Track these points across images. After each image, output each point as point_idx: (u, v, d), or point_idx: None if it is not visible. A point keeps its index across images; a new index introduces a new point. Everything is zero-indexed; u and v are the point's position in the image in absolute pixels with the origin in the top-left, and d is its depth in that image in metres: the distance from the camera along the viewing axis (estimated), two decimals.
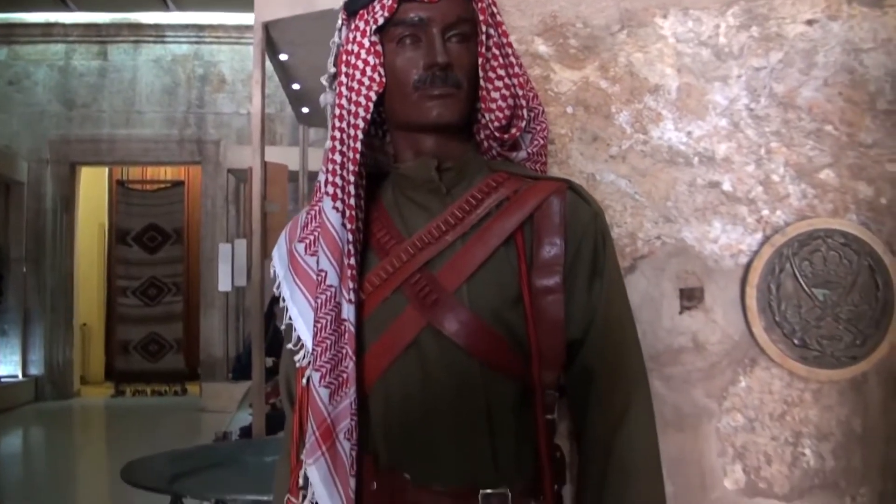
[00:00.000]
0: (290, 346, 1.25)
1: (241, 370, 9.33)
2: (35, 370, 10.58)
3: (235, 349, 10.34)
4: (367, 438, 1.19)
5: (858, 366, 1.55)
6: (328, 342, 1.17)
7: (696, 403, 1.55)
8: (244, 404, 7.04)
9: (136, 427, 8.41)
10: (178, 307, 11.70)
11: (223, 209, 10.26)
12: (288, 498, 1.23)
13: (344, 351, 1.17)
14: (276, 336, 7.74)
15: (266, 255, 5.12)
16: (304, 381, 1.21)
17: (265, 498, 2.74)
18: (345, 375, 1.17)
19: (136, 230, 11.67)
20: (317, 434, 1.17)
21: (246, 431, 5.23)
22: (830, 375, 1.54)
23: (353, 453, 1.17)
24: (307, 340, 1.21)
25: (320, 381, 1.17)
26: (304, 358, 1.22)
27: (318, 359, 1.17)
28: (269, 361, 6.13)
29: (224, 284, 9.44)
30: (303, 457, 1.18)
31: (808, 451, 1.55)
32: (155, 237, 11.70)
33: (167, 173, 11.94)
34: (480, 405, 1.16)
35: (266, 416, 4.80)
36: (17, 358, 10.46)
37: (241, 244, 9.25)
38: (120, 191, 11.82)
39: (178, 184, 11.83)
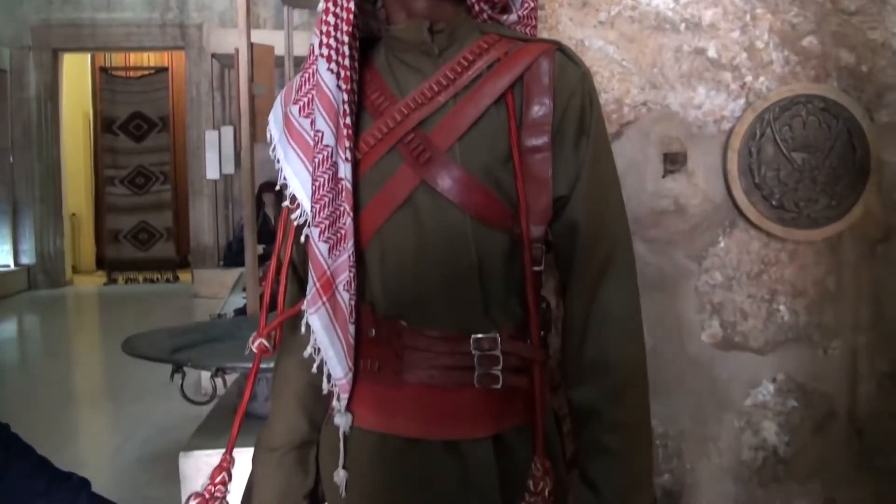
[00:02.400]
0: (285, 204, 1.29)
1: (231, 257, 9.42)
2: (27, 259, 10.66)
3: (226, 237, 10.41)
4: (364, 290, 1.25)
5: (833, 226, 1.61)
6: (326, 199, 1.22)
7: (677, 264, 1.62)
8: (237, 289, 7.15)
9: (130, 312, 8.55)
10: (166, 196, 11.71)
11: (208, 96, 10.15)
12: (259, 342, 1.30)
13: (342, 208, 1.22)
14: (265, 223, 7.80)
15: (255, 139, 5.11)
16: (303, 237, 1.26)
17: (264, 366, 2.83)
18: (343, 231, 1.22)
19: (121, 118, 11.57)
20: (317, 286, 1.22)
21: (240, 313, 5.33)
22: (806, 236, 1.61)
23: (352, 303, 1.23)
24: (303, 200, 1.25)
25: (319, 237, 1.22)
26: (300, 216, 1.27)
27: (317, 216, 1.22)
28: (260, 248, 6.20)
29: (212, 172, 9.43)
30: (304, 307, 1.24)
31: (782, 308, 1.63)
32: (141, 125, 11.61)
33: (150, 59, 11.76)
34: (472, 258, 1.21)
35: (259, 298, 4.90)
36: (7, 247, 10.52)
37: (227, 131, 9.20)
38: (103, 78, 11.65)
39: (161, 70, 11.66)
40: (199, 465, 3.02)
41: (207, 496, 1.29)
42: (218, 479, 1.30)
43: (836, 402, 1.65)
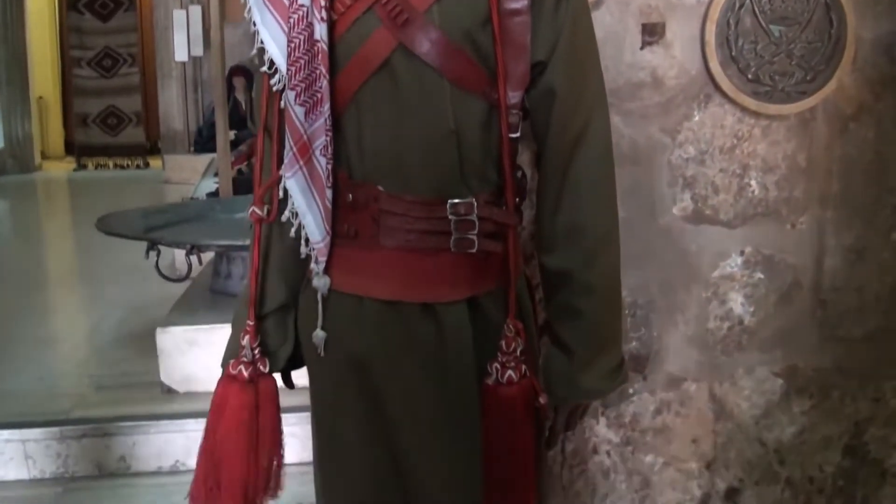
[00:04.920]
0: (264, 69, 1.28)
1: (202, 143, 9.29)
2: None
3: (196, 122, 10.24)
4: (341, 155, 1.25)
5: (807, 101, 1.62)
6: (302, 62, 1.21)
7: (652, 137, 1.63)
8: (208, 174, 7.10)
9: (101, 197, 8.46)
10: (135, 79, 11.45)
11: None
12: (252, 210, 1.31)
13: (318, 71, 1.21)
14: (235, 108, 7.68)
15: (224, 17, 4.99)
16: (282, 103, 1.26)
17: (238, 243, 2.86)
18: (319, 95, 1.21)
19: None
20: (294, 150, 1.23)
21: (212, 196, 5.32)
22: (780, 110, 1.62)
23: (329, 167, 1.23)
24: (280, 63, 1.24)
25: (296, 100, 1.21)
26: (279, 81, 1.26)
27: (293, 78, 1.21)
28: (231, 134, 6.13)
29: (180, 54, 9.23)
30: (282, 171, 1.25)
31: (753, 183, 1.66)
32: (107, 4, 11.23)
33: None
34: (449, 122, 1.21)
35: (232, 181, 4.89)
36: None
37: (195, 10, 8.96)
38: None
39: None
40: (176, 341, 3.07)
41: (250, 359, 1.33)
42: (255, 344, 1.33)
43: (801, 275, 1.70)
